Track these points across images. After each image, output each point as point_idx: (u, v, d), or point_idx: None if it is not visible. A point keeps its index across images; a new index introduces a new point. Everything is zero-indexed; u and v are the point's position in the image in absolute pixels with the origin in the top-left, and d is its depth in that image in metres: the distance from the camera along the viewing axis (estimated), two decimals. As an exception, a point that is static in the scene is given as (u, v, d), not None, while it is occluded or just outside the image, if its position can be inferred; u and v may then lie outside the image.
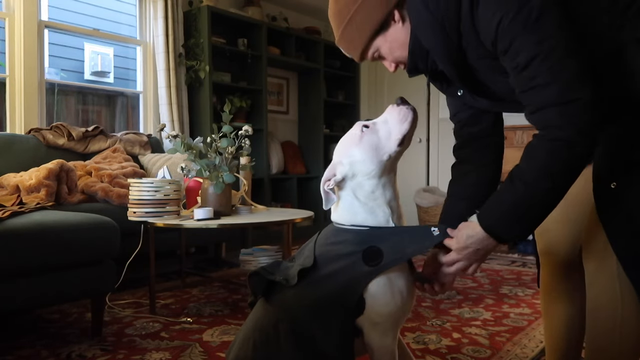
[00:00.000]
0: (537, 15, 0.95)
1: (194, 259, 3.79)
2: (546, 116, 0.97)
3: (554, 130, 0.97)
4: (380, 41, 1.16)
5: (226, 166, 2.52)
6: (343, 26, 1.17)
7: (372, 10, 1.12)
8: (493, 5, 0.98)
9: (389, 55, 1.19)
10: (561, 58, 0.95)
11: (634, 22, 1.00)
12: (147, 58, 4.15)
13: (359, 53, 1.20)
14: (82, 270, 2.05)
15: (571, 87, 0.94)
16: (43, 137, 3.23)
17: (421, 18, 1.08)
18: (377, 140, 1.18)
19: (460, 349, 2.00)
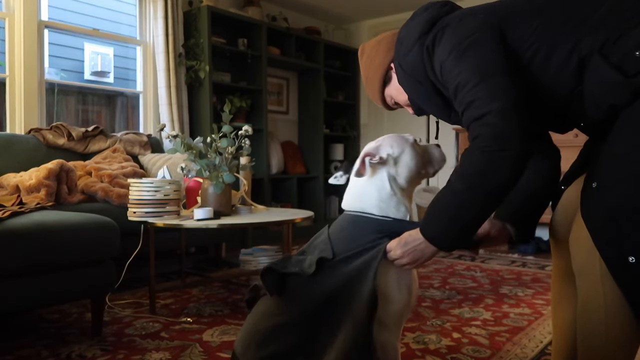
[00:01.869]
0: (464, 48, 1.09)
1: (194, 259, 3.79)
2: (471, 131, 1.09)
3: (474, 141, 1.07)
4: (389, 90, 1.41)
5: (226, 166, 2.52)
6: (366, 85, 1.44)
7: (374, 70, 1.39)
8: (438, 57, 1.15)
9: (400, 100, 1.40)
10: (479, 81, 1.06)
11: (593, 33, 1.04)
12: (147, 58, 4.15)
13: (380, 103, 1.45)
14: (82, 270, 2.05)
15: (485, 104, 1.05)
16: (43, 137, 3.23)
17: (400, 77, 1.30)
18: (422, 157, 1.30)
19: (460, 349, 2.00)
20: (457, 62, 1.09)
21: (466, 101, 1.08)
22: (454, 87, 1.11)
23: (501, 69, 1.06)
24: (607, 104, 1.06)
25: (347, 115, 5.59)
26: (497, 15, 1.13)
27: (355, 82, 5.57)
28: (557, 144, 1.45)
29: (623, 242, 1.02)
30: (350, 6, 5.28)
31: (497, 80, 1.05)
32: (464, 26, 1.14)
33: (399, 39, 1.30)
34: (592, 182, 1.09)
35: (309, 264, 1.19)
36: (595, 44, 1.04)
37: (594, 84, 1.05)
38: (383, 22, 5.63)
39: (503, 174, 1.04)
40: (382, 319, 1.19)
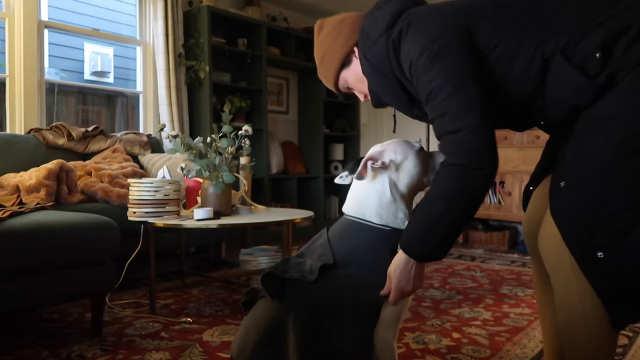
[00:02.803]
0: (435, 54, 1.09)
1: (194, 259, 3.79)
2: (445, 144, 1.12)
3: (449, 157, 1.10)
4: (346, 74, 1.37)
5: (226, 166, 2.52)
6: (319, 63, 1.39)
7: (335, 49, 1.34)
8: (405, 50, 1.15)
9: (355, 86, 1.38)
10: (451, 92, 1.07)
11: (554, 36, 1.06)
12: (147, 58, 4.15)
13: (332, 85, 1.40)
14: (82, 270, 2.05)
15: (458, 117, 1.06)
16: (43, 137, 3.23)
17: (364, 66, 1.29)
18: (426, 165, 1.28)
19: (460, 349, 2.00)
20: (430, 67, 1.10)
21: (439, 112, 1.10)
22: (427, 93, 1.12)
23: (472, 78, 1.08)
24: (569, 105, 1.09)
25: (347, 115, 5.59)
26: (464, 14, 1.14)
27: (355, 82, 5.56)
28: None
29: (591, 239, 1.05)
30: (351, 6, 5.28)
31: (469, 92, 1.07)
32: (433, 24, 1.13)
33: (363, 27, 1.27)
34: (560, 182, 1.11)
35: (309, 269, 1.20)
36: (558, 45, 1.06)
37: (557, 84, 1.07)
38: (383, 22, 5.62)
39: (481, 189, 1.10)
40: (381, 317, 1.20)
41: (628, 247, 1.02)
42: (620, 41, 1.01)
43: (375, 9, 1.27)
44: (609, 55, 1.01)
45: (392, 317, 1.21)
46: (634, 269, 1.03)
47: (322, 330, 1.16)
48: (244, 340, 1.21)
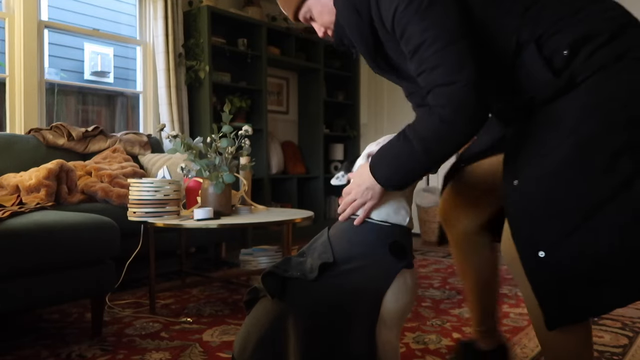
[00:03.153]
0: (427, 5, 1.04)
1: (194, 259, 3.79)
2: (434, 96, 1.06)
3: (438, 108, 1.05)
4: (312, 2, 1.28)
5: (226, 166, 2.52)
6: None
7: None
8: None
9: (319, 18, 1.30)
10: (446, 44, 1.03)
11: (532, 24, 1.07)
12: (147, 58, 4.15)
13: (293, 11, 1.31)
14: (82, 270, 2.05)
15: (453, 70, 1.02)
16: (43, 137, 3.23)
17: (337, 1, 1.21)
18: None
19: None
20: (421, 17, 1.05)
21: (431, 64, 1.05)
22: (416, 44, 1.06)
23: (465, 32, 1.05)
24: (528, 95, 1.10)
25: (347, 115, 5.59)
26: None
27: (356, 82, 5.57)
28: None
29: (536, 237, 1.06)
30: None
31: (463, 45, 1.03)
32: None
33: None
34: (513, 180, 1.12)
35: (310, 268, 1.20)
36: (534, 34, 1.07)
37: (523, 71, 1.09)
38: (383, 22, 5.62)
39: (461, 144, 1.09)
40: (384, 318, 1.19)
41: (569, 247, 1.03)
42: (587, 45, 1.03)
43: None
44: (575, 55, 1.04)
45: (395, 317, 1.20)
46: (571, 270, 1.04)
47: (323, 329, 1.16)
48: (245, 339, 1.21)
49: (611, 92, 1.01)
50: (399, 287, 1.19)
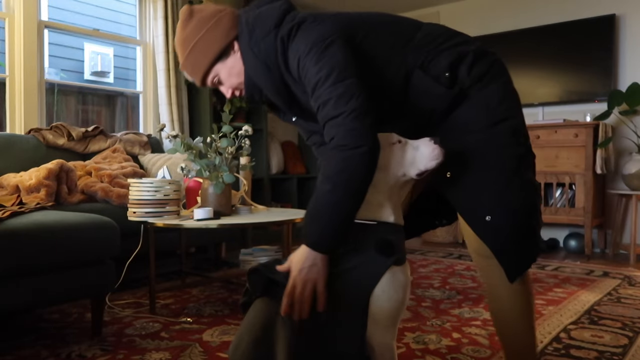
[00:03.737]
0: (322, 51, 1.18)
1: (194, 259, 3.79)
2: (328, 130, 1.17)
3: (332, 141, 1.15)
4: (220, 67, 1.36)
5: (226, 166, 2.52)
6: (187, 52, 1.35)
7: (214, 39, 1.33)
8: (295, 48, 1.23)
9: (227, 81, 1.38)
10: (335, 81, 1.16)
11: (412, 53, 1.27)
12: (147, 58, 4.15)
13: (201, 77, 1.37)
14: (82, 270, 2.05)
15: (340, 103, 1.14)
16: (43, 137, 3.23)
17: (249, 60, 1.31)
18: (401, 158, 1.24)
19: (460, 349, 2.00)
20: (317, 60, 1.18)
21: (323, 99, 1.17)
22: (314, 83, 1.18)
23: (354, 72, 1.18)
24: (428, 109, 1.29)
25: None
26: (345, 24, 1.27)
27: (355, 82, 5.56)
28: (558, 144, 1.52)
29: (479, 208, 1.28)
30: (350, 6, 5.28)
31: (351, 82, 1.16)
32: (321, 26, 1.23)
33: (247, 22, 1.31)
34: (445, 173, 1.30)
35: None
36: (417, 62, 1.27)
37: (417, 92, 1.27)
38: (383, 22, 5.63)
39: (361, 168, 1.13)
40: (377, 319, 1.18)
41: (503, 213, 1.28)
42: (462, 65, 1.27)
43: (256, 7, 1.34)
44: (456, 75, 1.27)
45: (389, 316, 1.19)
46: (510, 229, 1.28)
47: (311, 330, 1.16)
48: (239, 339, 1.21)
49: (487, 96, 1.28)
50: (388, 285, 1.17)
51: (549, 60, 4.49)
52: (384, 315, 1.18)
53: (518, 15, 4.78)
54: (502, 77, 1.32)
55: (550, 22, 4.56)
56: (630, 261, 3.82)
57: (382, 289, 1.17)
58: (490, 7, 4.95)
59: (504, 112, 1.29)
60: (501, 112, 1.28)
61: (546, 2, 4.64)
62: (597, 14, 4.34)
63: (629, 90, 3.97)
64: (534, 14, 4.71)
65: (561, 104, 4.47)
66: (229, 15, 1.35)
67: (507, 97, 1.31)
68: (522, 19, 4.76)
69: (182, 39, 1.36)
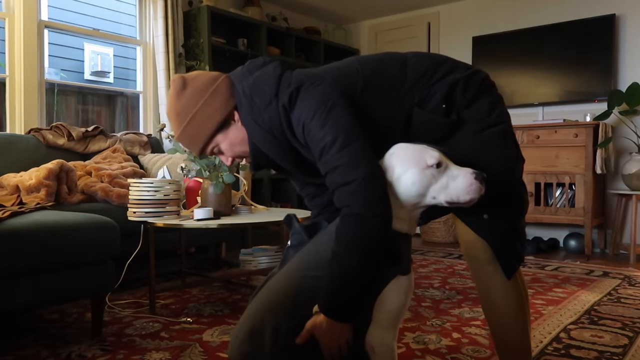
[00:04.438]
0: (325, 116, 1.18)
1: (194, 259, 3.79)
2: (339, 196, 1.17)
3: (346, 209, 1.15)
4: (221, 138, 1.34)
5: (226, 166, 2.52)
6: (185, 124, 1.31)
7: (213, 111, 1.30)
8: (297, 114, 1.22)
9: (229, 150, 1.36)
10: (341, 147, 1.16)
11: (408, 95, 1.30)
12: (147, 58, 4.15)
13: (199, 148, 1.35)
14: (82, 270, 2.05)
15: (349, 170, 1.15)
16: (43, 137, 3.23)
17: (254, 131, 1.29)
18: (434, 182, 1.20)
19: (460, 349, 2.00)
20: (321, 125, 1.18)
21: (330, 166, 1.17)
22: (320, 149, 1.19)
23: (358, 133, 1.19)
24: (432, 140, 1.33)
25: (347, 115, 5.58)
26: (341, 81, 1.28)
27: (355, 82, 5.56)
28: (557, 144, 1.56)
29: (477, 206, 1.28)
30: (350, 6, 5.28)
31: (356, 146, 1.16)
32: (320, 88, 1.23)
33: (244, 92, 1.29)
34: None
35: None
36: (413, 100, 1.30)
37: (419, 128, 1.31)
38: (383, 22, 5.63)
39: (380, 235, 1.14)
40: (379, 318, 1.19)
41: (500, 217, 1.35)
42: (456, 92, 1.31)
43: (248, 73, 1.31)
44: (452, 103, 1.31)
45: (390, 319, 1.20)
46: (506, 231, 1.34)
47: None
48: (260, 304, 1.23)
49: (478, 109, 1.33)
50: (392, 290, 1.19)
51: (549, 60, 4.49)
52: (385, 317, 1.19)
53: (518, 15, 4.79)
54: (490, 90, 1.36)
55: (550, 22, 4.57)
56: (630, 261, 3.82)
57: (385, 293, 1.19)
58: (490, 7, 4.95)
59: (494, 119, 1.33)
60: (491, 120, 1.33)
61: (546, 2, 4.64)
62: (597, 14, 4.34)
63: (629, 90, 3.97)
64: (534, 14, 4.71)
65: (561, 104, 4.48)
66: (225, 83, 1.32)
67: (496, 106, 1.35)
68: (522, 19, 4.76)
69: (178, 110, 1.31)
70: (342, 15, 5.58)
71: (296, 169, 1.36)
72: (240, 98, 1.29)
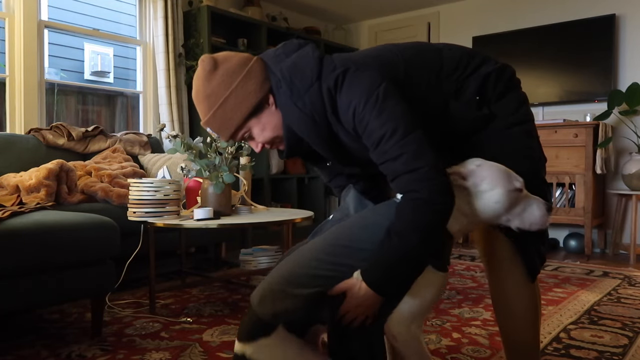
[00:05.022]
0: (381, 103, 1.16)
1: (194, 259, 3.79)
2: (401, 183, 1.16)
3: (412, 194, 1.15)
4: (253, 122, 1.28)
5: (226, 166, 2.52)
6: (216, 108, 1.25)
7: (247, 94, 1.24)
8: (346, 99, 1.18)
9: (260, 136, 1.30)
10: (403, 135, 1.15)
11: (445, 84, 1.29)
12: (147, 58, 4.15)
13: (230, 133, 1.29)
14: (82, 270, 2.05)
15: (415, 158, 1.14)
16: (43, 137, 3.23)
17: (292, 114, 1.24)
18: (514, 207, 1.22)
19: (460, 349, 2.00)
20: (379, 112, 1.16)
21: (392, 154, 1.15)
22: (378, 138, 1.16)
23: (416, 123, 1.18)
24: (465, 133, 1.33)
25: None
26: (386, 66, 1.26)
27: (355, 82, 5.56)
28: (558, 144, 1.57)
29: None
30: (350, 6, 5.28)
31: (419, 134, 1.16)
32: (367, 73, 1.20)
33: (282, 74, 1.23)
34: None
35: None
36: (450, 91, 1.29)
37: (454, 118, 1.30)
38: (383, 22, 5.63)
39: (443, 221, 1.16)
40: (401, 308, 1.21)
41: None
42: (488, 85, 1.31)
43: (283, 55, 1.26)
44: (484, 96, 1.31)
45: (418, 308, 1.21)
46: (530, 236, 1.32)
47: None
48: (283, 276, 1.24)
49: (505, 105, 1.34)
50: (424, 283, 1.20)
51: (549, 60, 4.49)
52: (408, 306, 1.21)
53: (518, 15, 4.79)
54: (517, 87, 1.38)
55: (550, 22, 4.57)
56: (630, 261, 3.82)
57: (419, 284, 1.20)
58: (490, 7, 4.95)
59: (521, 116, 1.34)
60: (518, 117, 1.33)
61: (546, 2, 4.64)
62: (597, 14, 4.34)
63: (629, 90, 3.97)
64: (534, 14, 4.71)
65: (561, 104, 4.48)
66: (259, 65, 1.26)
67: (522, 103, 1.36)
68: (522, 19, 4.76)
69: (207, 93, 1.24)
70: (342, 15, 5.58)
71: (332, 155, 1.32)
72: (277, 80, 1.23)
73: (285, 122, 1.26)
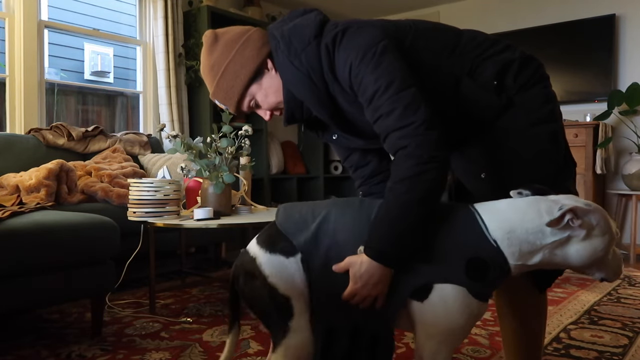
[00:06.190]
0: (378, 58, 1.13)
1: (194, 259, 3.79)
2: (393, 141, 1.12)
3: (403, 150, 1.10)
4: (255, 89, 1.28)
5: (226, 166, 2.52)
6: (218, 77, 1.27)
7: (245, 60, 1.25)
8: (343, 55, 1.16)
9: (264, 102, 1.30)
10: (397, 90, 1.11)
11: (459, 60, 1.25)
12: (147, 58, 4.15)
13: (236, 101, 1.29)
14: (82, 270, 2.05)
15: (408, 113, 1.10)
16: (43, 137, 3.23)
17: (289, 74, 1.23)
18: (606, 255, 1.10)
19: (460, 349, 2.00)
20: (374, 67, 1.13)
21: (385, 109, 1.12)
22: (372, 92, 1.13)
23: (412, 79, 1.14)
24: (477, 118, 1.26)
25: (347, 115, 5.58)
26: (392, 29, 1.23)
27: (355, 82, 5.56)
28: None
29: None
30: (351, 6, 5.28)
31: (414, 90, 1.12)
32: (369, 30, 1.18)
33: (282, 35, 1.22)
34: (480, 174, 1.28)
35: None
36: (464, 69, 1.25)
37: (467, 98, 1.24)
38: (383, 22, 5.63)
39: (436, 178, 1.10)
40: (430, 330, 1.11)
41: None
42: (508, 73, 1.25)
43: (288, 20, 1.26)
44: (502, 82, 1.25)
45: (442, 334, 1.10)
46: None
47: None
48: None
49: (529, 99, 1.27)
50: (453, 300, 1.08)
51: (549, 61, 4.49)
52: (437, 329, 1.10)
53: (518, 15, 4.79)
54: (544, 82, 1.30)
55: (550, 22, 4.57)
56: (630, 261, 3.82)
57: (445, 299, 1.08)
58: (490, 7, 4.95)
59: (547, 114, 1.26)
60: (542, 115, 1.26)
61: (546, 2, 4.64)
62: (597, 14, 4.35)
63: (629, 90, 3.97)
64: (534, 14, 4.71)
65: (561, 104, 4.44)
66: (258, 32, 1.28)
67: (550, 101, 1.28)
68: (522, 19, 4.76)
69: (210, 65, 1.27)
70: (342, 15, 5.58)
71: (331, 119, 1.29)
72: (276, 42, 1.23)
73: (284, 85, 1.26)
